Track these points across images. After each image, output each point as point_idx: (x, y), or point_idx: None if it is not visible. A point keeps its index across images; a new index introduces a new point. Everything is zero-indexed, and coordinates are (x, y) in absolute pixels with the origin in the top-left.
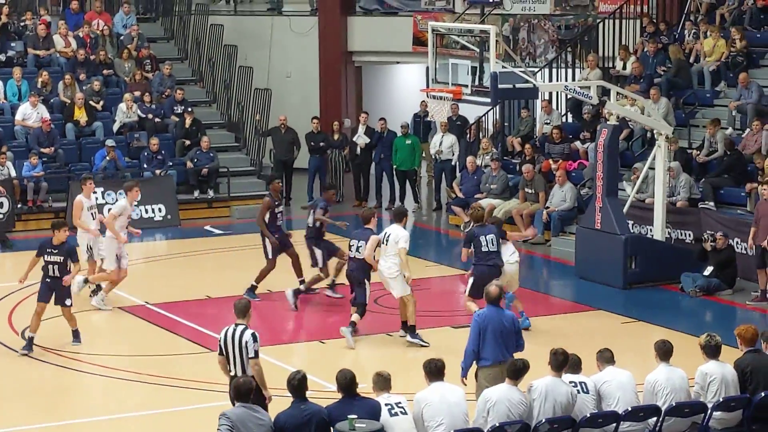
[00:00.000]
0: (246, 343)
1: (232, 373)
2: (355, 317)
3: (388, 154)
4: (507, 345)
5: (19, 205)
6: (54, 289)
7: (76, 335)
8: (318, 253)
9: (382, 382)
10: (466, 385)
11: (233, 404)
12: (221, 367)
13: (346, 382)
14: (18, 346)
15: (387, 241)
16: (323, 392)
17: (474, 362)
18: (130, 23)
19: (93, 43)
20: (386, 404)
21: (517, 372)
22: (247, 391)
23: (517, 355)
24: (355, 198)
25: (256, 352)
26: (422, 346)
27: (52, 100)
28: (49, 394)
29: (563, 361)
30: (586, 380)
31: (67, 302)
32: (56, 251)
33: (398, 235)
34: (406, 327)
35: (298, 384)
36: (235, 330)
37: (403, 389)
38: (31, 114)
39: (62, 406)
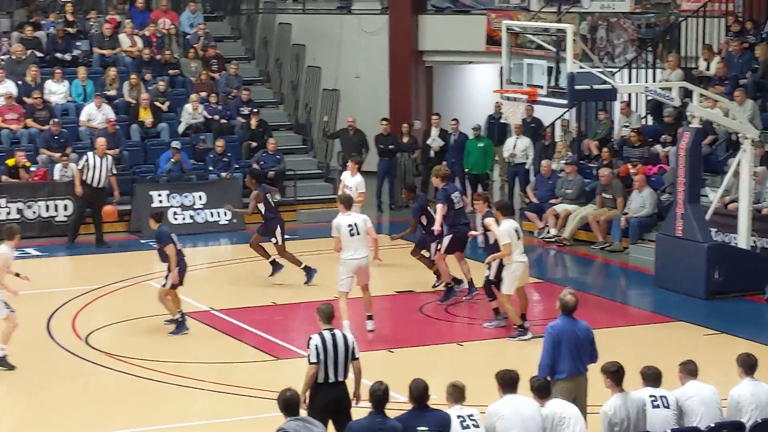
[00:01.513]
0: (353, 344)
1: (331, 380)
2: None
3: (460, 158)
4: (582, 357)
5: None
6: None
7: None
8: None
9: (457, 393)
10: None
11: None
12: (312, 375)
13: (419, 393)
14: (81, 351)
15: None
16: (391, 403)
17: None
18: (196, 22)
19: (159, 42)
20: (458, 416)
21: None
22: (298, 404)
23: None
24: None
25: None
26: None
27: (117, 101)
28: (112, 401)
29: (655, 378)
30: (668, 394)
31: (161, 282)
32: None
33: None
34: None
35: (382, 395)
36: (334, 335)
37: (475, 401)
38: (96, 115)
39: (125, 413)
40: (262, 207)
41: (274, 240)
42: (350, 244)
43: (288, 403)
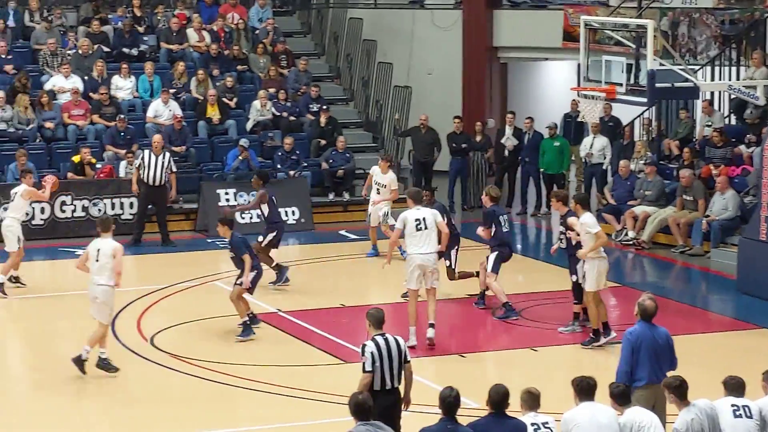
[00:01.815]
0: (405, 348)
1: (388, 387)
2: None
3: (534, 157)
4: (661, 364)
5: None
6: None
7: (244, 326)
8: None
9: (532, 399)
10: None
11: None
12: (367, 382)
13: (499, 398)
14: (145, 351)
15: None
16: (463, 409)
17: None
18: (265, 17)
19: (227, 37)
20: (532, 424)
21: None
22: (369, 409)
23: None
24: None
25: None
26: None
27: (183, 97)
28: (177, 404)
29: (739, 387)
30: (750, 404)
31: (238, 281)
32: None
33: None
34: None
35: (454, 401)
36: (387, 340)
37: (549, 408)
38: (162, 111)
39: (190, 416)
40: (266, 208)
41: (260, 239)
42: (415, 239)
43: (360, 407)
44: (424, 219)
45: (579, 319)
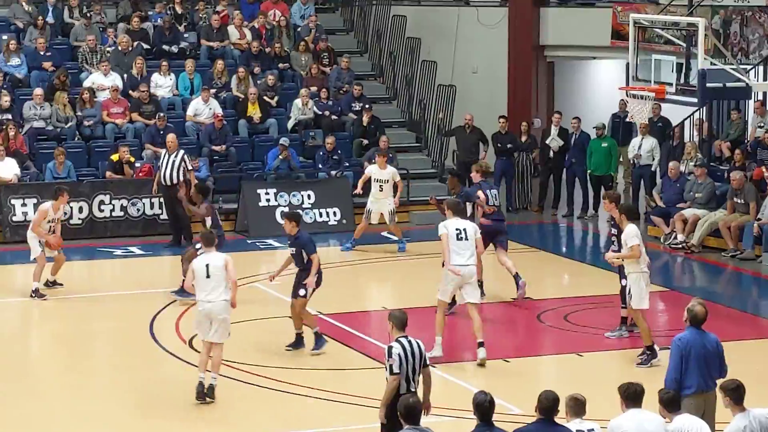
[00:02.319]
0: (425, 352)
1: (413, 389)
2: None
3: (581, 158)
4: (711, 371)
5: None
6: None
7: (317, 337)
8: None
9: (578, 406)
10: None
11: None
12: (395, 385)
13: (549, 404)
14: (185, 354)
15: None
16: (505, 415)
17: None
18: (307, 14)
19: (268, 34)
20: (578, 431)
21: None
22: (418, 412)
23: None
24: (537, 204)
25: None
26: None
27: (224, 95)
28: (216, 407)
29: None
30: None
31: (301, 292)
32: (290, 243)
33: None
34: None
35: (489, 406)
36: (411, 343)
37: (595, 415)
38: (203, 109)
39: (230, 419)
40: (209, 221)
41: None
42: (455, 249)
43: (410, 411)
44: (464, 230)
45: (626, 324)
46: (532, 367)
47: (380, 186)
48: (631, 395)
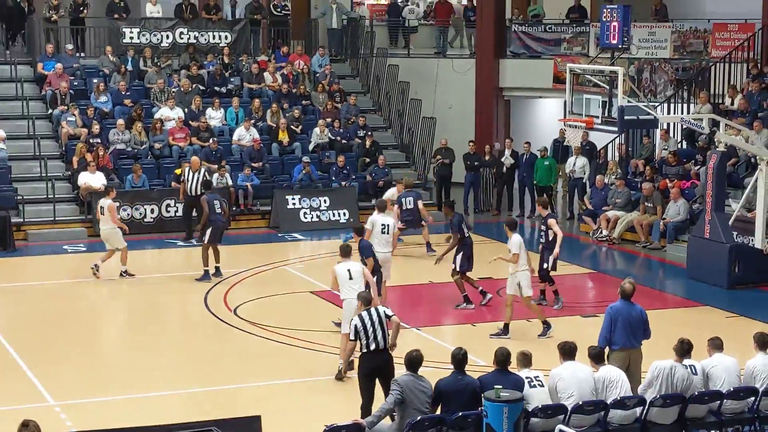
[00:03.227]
0: (384, 311)
1: (372, 348)
2: None
3: (530, 173)
4: (635, 334)
5: (233, 208)
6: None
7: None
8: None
9: (525, 359)
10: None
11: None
12: (349, 350)
13: (503, 358)
14: (230, 319)
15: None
16: (473, 366)
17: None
18: (324, 63)
19: (295, 79)
20: (527, 377)
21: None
22: (418, 363)
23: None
24: (494, 208)
25: (393, 312)
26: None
27: (260, 125)
28: (254, 359)
29: (687, 350)
30: (695, 364)
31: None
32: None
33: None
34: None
35: (461, 358)
36: (369, 313)
37: (541, 366)
38: (244, 135)
39: (264, 369)
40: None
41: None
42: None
43: (410, 361)
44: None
45: (559, 296)
46: (493, 330)
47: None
48: (567, 350)
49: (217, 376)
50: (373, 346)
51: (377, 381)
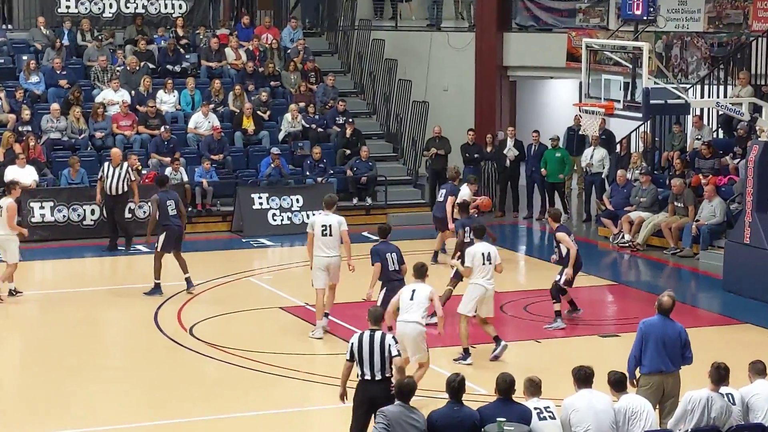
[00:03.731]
0: (389, 345)
1: (368, 377)
2: None
3: (539, 167)
4: (671, 356)
5: (189, 209)
6: None
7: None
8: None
9: (533, 387)
10: (635, 388)
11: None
12: (346, 372)
13: (506, 385)
14: (185, 341)
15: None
16: (472, 395)
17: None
18: (296, 37)
19: (262, 56)
20: (535, 408)
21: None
22: (410, 392)
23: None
24: (498, 208)
25: (398, 351)
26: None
27: (222, 110)
28: (212, 388)
29: (724, 376)
30: (734, 392)
31: None
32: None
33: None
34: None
35: (458, 386)
36: (372, 335)
37: (552, 395)
38: (202, 122)
39: (224, 399)
40: (155, 211)
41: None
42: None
43: (400, 390)
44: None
45: (561, 317)
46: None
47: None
48: (582, 377)
49: (169, 407)
50: (368, 376)
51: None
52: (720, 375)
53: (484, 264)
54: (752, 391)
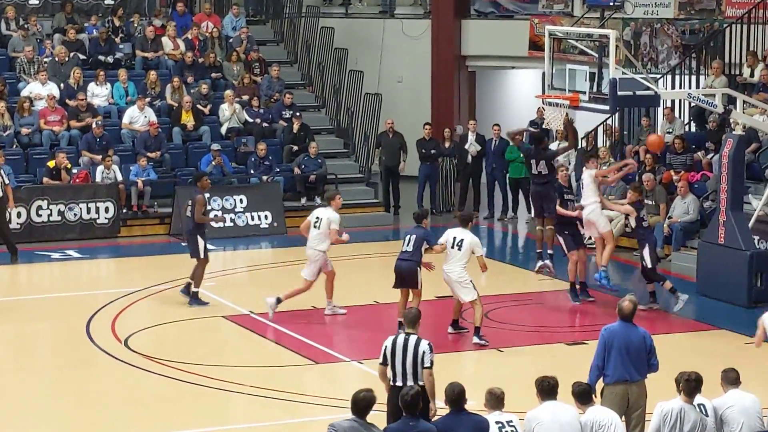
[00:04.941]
0: (423, 353)
1: (399, 384)
2: None
3: (501, 163)
4: (636, 363)
5: (124, 210)
6: None
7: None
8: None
9: (494, 400)
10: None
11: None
12: (381, 376)
13: (454, 396)
14: (120, 353)
15: (460, 245)
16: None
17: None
18: (239, 25)
19: (201, 45)
20: (497, 422)
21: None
22: (366, 407)
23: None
24: (457, 208)
25: (432, 362)
26: (484, 345)
27: (158, 104)
28: (150, 403)
29: (696, 387)
30: (706, 402)
31: None
32: None
33: (473, 241)
34: (456, 326)
35: (410, 400)
36: (407, 339)
37: (514, 407)
38: (138, 117)
39: (162, 415)
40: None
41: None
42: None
43: (355, 404)
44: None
45: (654, 298)
46: (455, 361)
47: None
48: (546, 388)
49: (101, 425)
50: (399, 382)
51: None
52: (691, 387)
53: (452, 248)
54: (726, 403)
